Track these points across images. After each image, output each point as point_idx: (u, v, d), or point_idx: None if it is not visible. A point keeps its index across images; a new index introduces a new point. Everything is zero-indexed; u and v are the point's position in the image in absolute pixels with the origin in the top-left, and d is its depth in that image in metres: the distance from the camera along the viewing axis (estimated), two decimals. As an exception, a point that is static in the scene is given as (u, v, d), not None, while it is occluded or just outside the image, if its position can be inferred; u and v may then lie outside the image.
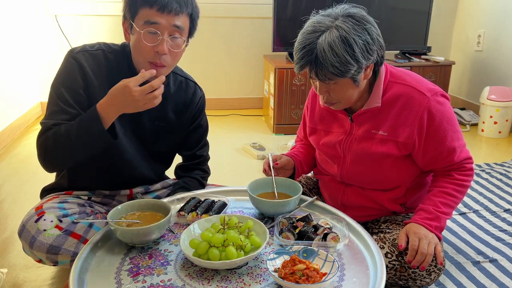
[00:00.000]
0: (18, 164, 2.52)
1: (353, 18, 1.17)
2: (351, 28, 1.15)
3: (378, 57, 1.23)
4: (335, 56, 1.14)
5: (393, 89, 1.30)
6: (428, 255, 1.20)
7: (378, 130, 1.31)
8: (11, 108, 2.96)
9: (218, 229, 1.10)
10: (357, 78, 1.21)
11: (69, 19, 3.32)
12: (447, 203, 1.30)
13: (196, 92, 1.50)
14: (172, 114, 1.45)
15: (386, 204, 1.40)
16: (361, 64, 1.17)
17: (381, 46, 1.22)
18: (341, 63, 1.14)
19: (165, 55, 1.25)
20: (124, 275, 1.05)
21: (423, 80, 1.34)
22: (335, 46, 1.13)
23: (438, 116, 1.27)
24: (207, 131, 1.59)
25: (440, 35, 3.76)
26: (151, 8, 1.21)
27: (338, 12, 1.20)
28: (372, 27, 1.19)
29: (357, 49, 1.14)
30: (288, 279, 0.98)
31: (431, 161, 1.32)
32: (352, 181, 1.42)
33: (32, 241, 1.23)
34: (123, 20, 1.29)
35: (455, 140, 1.29)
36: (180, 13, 1.24)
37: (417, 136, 1.28)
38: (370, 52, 1.18)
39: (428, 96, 1.27)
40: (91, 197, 1.45)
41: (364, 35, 1.16)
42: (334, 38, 1.14)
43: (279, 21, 3.07)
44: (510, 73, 3.18)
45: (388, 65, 1.34)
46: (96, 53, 1.33)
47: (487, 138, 3.08)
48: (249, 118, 3.53)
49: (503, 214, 1.96)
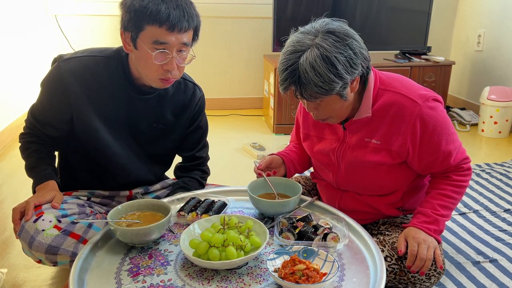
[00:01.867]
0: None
1: (333, 35, 1.14)
2: (332, 46, 1.12)
3: (364, 69, 1.20)
4: (318, 76, 1.11)
5: (384, 98, 1.27)
6: (428, 260, 1.20)
7: (371, 138, 1.29)
8: (11, 108, 2.96)
9: (218, 229, 1.10)
10: (344, 93, 1.18)
11: (69, 19, 3.32)
12: (445, 205, 1.30)
13: (195, 93, 1.49)
14: (170, 115, 1.45)
15: (383, 209, 1.40)
16: (346, 80, 1.14)
17: (365, 58, 1.18)
18: (325, 82, 1.12)
19: (174, 70, 1.26)
20: (124, 275, 1.05)
21: (414, 85, 1.30)
22: (317, 66, 1.11)
23: (431, 122, 1.24)
24: (206, 132, 1.58)
25: (440, 35, 3.76)
26: (160, 27, 1.18)
27: (318, 28, 1.16)
28: (354, 41, 1.15)
29: (339, 66, 1.12)
30: (288, 279, 0.98)
31: (427, 166, 1.31)
32: (348, 187, 1.42)
33: (31, 241, 1.23)
34: (122, 30, 1.24)
35: (450, 143, 1.27)
36: (188, 30, 1.23)
37: (410, 145, 1.26)
38: (354, 67, 1.15)
39: (420, 103, 1.23)
40: (90, 197, 1.46)
41: (346, 51, 1.13)
42: (315, 57, 1.11)
43: (279, 21, 3.07)
44: (510, 73, 3.18)
45: (378, 72, 1.31)
46: (85, 59, 1.32)
47: (487, 138, 3.08)
48: (249, 118, 3.53)
49: (503, 214, 1.96)
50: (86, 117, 1.34)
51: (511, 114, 3.04)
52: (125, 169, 1.44)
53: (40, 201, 1.27)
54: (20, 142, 1.45)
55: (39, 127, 1.41)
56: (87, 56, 1.34)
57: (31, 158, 1.40)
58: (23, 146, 1.43)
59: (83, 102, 1.32)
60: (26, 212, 1.25)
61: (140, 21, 1.19)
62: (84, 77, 1.31)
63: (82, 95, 1.32)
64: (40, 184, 1.35)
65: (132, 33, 1.22)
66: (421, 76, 3.19)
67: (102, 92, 1.33)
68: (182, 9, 1.20)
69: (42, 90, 1.37)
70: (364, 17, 3.22)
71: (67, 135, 1.40)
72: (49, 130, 1.40)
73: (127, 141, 1.41)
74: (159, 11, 1.17)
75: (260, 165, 1.41)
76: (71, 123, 1.36)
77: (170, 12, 1.17)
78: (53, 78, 1.33)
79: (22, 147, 1.43)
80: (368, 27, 3.24)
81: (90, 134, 1.35)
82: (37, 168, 1.38)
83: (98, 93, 1.33)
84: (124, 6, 1.21)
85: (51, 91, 1.35)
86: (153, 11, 1.17)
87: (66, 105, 1.33)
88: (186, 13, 1.21)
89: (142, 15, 1.18)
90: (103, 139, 1.37)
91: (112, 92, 1.34)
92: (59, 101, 1.33)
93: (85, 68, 1.32)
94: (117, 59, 1.33)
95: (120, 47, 1.34)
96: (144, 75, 1.29)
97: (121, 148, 1.40)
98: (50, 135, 1.41)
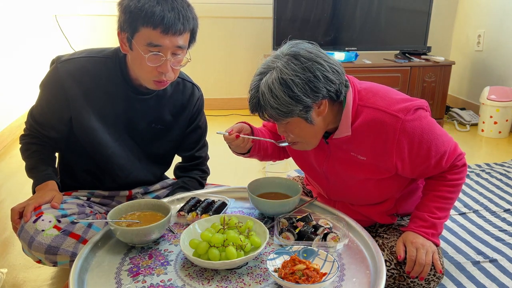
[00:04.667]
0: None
1: (294, 58, 1.12)
2: (290, 69, 1.11)
3: (331, 93, 1.15)
4: (274, 98, 1.11)
5: (363, 115, 1.21)
6: (426, 265, 1.20)
7: (356, 154, 1.25)
8: (11, 108, 2.96)
9: (218, 229, 1.10)
10: (308, 117, 1.15)
11: (69, 19, 3.32)
12: (442, 206, 1.28)
13: (193, 93, 1.49)
14: (169, 116, 1.45)
15: (376, 219, 1.39)
16: (306, 103, 1.12)
17: (332, 81, 1.14)
18: (281, 105, 1.11)
19: (169, 72, 1.26)
20: (124, 275, 1.05)
21: (393, 98, 1.22)
22: (274, 88, 1.11)
23: (417, 133, 1.19)
24: (206, 132, 1.58)
25: (440, 35, 3.76)
26: (154, 29, 1.17)
27: (283, 51, 1.16)
28: (316, 64, 1.12)
29: (296, 89, 1.10)
30: (288, 279, 0.98)
31: (421, 173, 1.28)
32: (338, 199, 1.41)
33: (31, 241, 1.23)
34: (119, 30, 1.24)
35: (440, 146, 1.22)
36: (183, 33, 1.22)
37: (398, 160, 1.21)
38: (316, 90, 1.12)
39: (401, 118, 1.17)
40: (90, 197, 1.46)
41: (305, 73, 1.11)
42: (273, 80, 1.11)
43: (279, 21, 3.07)
44: (510, 73, 3.18)
45: (357, 85, 1.25)
46: (83, 60, 1.32)
47: (487, 138, 3.08)
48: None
49: (503, 214, 1.96)
50: (84, 118, 1.34)
51: (511, 114, 3.04)
52: (124, 170, 1.44)
53: (40, 202, 1.27)
54: (21, 143, 1.45)
55: (38, 129, 1.42)
56: (85, 57, 1.34)
57: (31, 159, 1.40)
58: (24, 147, 1.43)
59: (81, 103, 1.32)
60: (25, 213, 1.25)
61: (135, 22, 1.18)
62: (82, 78, 1.31)
63: (80, 96, 1.32)
64: (40, 184, 1.35)
65: (128, 34, 1.21)
66: (421, 76, 3.19)
67: (100, 93, 1.33)
68: (177, 11, 1.19)
69: (41, 91, 1.38)
70: (364, 17, 3.22)
71: (67, 136, 1.40)
72: (49, 131, 1.41)
73: (126, 141, 1.41)
74: (153, 13, 1.16)
75: (231, 130, 1.33)
76: (70, 124, 1.36)
77: (165, 15, 1.17)
78: (51, 80, 1.33)
79: (22, 148, 1.44)
80: (368, 27, 3.24)
81: (89, 134, 1.35)
82: (37, 169, 1.38)
83: (96, 94, 1.33)
84: (121, 7, 1.21)
85: (49, 92, 1.35)
86: (148, 12, 1.16)
87: (64, 106, 1.33)
88: (182, 15, 1.20)
89: (137, 16, 1.17)
90: (102, 140, 1.37)
91: (110, 93, 1.34)
92: (57, 102, 1.33)
93: (83, 69, 1.32)
94: (115, 60, 1.33)
95: (118, 48, 1.33)
96: (139, 76, 1.29)
97: (120, 148, 1.40)
98: (50, 136, 1.41)
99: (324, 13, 3.13)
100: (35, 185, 1.36)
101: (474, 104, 3.49)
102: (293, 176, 1.99)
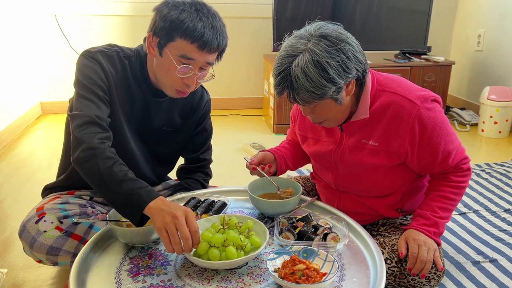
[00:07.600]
0: (18, 164, 2.52)
1: (325, 39, 1.13)
2: (324, 51, 1.11)
3: (359, 72, 1.18)
4: (309, 81, 1.11)
5: (382, 99, 1.26)
6: (428, 262, 1.20)
7: (368, 140, 1.28)
8: (11, 108, 2.96)
9: (218, 229, 1.10)
10: (338, 97, 1.17)
11: (69, 19, 3.32)
12: (444, 207, 1.29)
13: (203, 96, 1.50)
14: (178, 118, 1.45)
15: (382, 211, 1.40)
16: (339, 84, 1.14)
17: (360, 61, 1.17)
18: (317, 87, 1.11)
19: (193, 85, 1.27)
20: (124, 275, 1.05)
21: (412, 86, 1.28)
22: (308, 71, 1.10)
23: (430, 123, 1.23)
24: (211, 135, 1.58)
25: (440, 35, 3.76)
26: (191, 44, 1.18)
27: (311, 32, 1.15)
28: (347, 44, 1.14)
29: (331, 71, 1.11)
30: (288, 279, 0.98)
31: (426, 167, 1.30)
32: (346, 189, 1.42)
33: (32, 242, 1.23)
34: (151, 34, 1.23)
35: (449, 143, 1.26)
36: (217, 51, 1.24)
37: (409, 146, 1.25)
38: (348, 71, 1.14)
39: (418, 104, 1.22)
40: (92, 197, 1.45)
41: (339, 55, 1.12)
42: (307, 62, 1.11)
43: (279, 21, 3.07)
44: (510, 73, 3.18)
45: (375, 73, 1.30)
46: (112, 55, 1.30)
47: (487, 138, 3.08)
48: (249, 118, 3.53)
49: (503, 214, 1.96)
50: (114, 107, 1.29)
51: (511, 114, 3.04)
52: (136, 167, 1.41)
53: None
54: (99, 147, 1.13)
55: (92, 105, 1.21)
56: (112, 52, 1.30)
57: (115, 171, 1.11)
58: (106, 153, 1.13)
59: (113, 92, 1.28)
60: None
61: (173, 32, 1.19)
62: (114, 68, 1.29)
63: (112, 84, 1.28)
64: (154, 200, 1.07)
65: (161, 40, 1.21)
66: (421, 76, 3.19)
67: (123, 88, 1.31)
68: (216, 30, 1.22)
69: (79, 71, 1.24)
70: (364, 17, 3.22)
71: None
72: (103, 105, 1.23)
73: (135, 140, 1.41)
74: (195, 28, 1.17)
75: (252, 160, 1.39)
76: None
77: (205, 32, 1.18)
78: (89, 59, 1.25)
79: (103, 154, 1.12)
80: (368, 27, 3.24)
81: (116, 127, 1.30)
82: (138, 181, 1.11)
83: (121, 87, 1.31)
84: (160, 13, 1.21)
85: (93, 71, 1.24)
86: (189, 26, 1.17)
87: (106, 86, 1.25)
88: (219, 35, 1.23)
89: (177, 27, 1.18)
90: (126, 135, 1.34)
91: (131, 92, 1.33)
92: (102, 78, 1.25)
93: (112, 61, 1.29)
94: (137, 59, 1.33)
95: (139, 47, 1.33)
96: (161, 83, 1.29)
97: (134, 146, 1.39)
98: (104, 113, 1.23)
99: (324, 13, 3.13)
100: (146, 202, 1.06)
101: (474, 104, 3.49)
102: (293, 176, 1.99)
